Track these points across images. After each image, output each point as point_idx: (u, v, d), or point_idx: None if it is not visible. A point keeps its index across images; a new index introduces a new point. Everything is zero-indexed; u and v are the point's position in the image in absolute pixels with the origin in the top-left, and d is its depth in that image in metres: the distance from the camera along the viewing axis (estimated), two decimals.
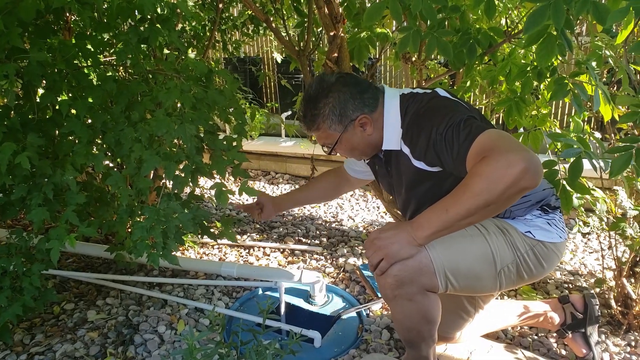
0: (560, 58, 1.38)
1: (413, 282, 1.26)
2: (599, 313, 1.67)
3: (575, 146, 1.38)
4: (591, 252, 2.53)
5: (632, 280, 1.85)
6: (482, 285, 1.35)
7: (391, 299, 1.31)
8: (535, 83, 1.55)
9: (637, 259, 1.88)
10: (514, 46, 1.66)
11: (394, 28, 2.21)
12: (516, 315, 1.67)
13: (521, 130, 1.90)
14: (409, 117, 1.33)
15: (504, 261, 1.33)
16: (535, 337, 1.81)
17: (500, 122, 1.81)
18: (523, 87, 1.53)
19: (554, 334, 1.75)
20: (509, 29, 1.61)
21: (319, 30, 2.38)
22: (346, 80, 1.38)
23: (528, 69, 1.50)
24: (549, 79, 1.49)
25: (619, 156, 1.19)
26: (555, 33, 1.22)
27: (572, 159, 1.39)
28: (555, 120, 1.90)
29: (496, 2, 1.67)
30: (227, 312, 1.93)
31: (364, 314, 1.96)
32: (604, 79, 1.77)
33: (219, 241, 2.58)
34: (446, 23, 1.55)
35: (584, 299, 1.67)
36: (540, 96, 1.76)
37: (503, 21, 1.83)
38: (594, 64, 1.45)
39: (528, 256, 1.35)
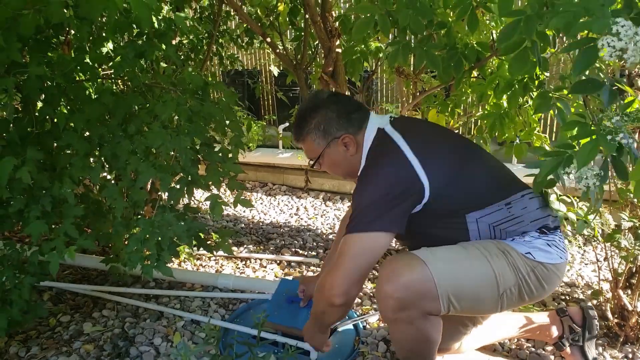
0: (546, 73, 1.41)
1: (415, 305, 1.27)
2: (598, 326, 1.66)
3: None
4: (587, 264, 2.53)
5: (629, 291, 1.86)
6: (483, 307, 1.36)
7: (391, 321, 1.32)
8: (523, 98, 1.58)
9: (633, 270, 1.89)
10: (502, 60, 1.69)
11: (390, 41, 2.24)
12: (514, 327, 1.67)
13: (517, 141, 1.92)
14: (364, 164, 1.42)
15: (506, 283, 1.33)
16: (533, 349, 1.80)
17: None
18: (509, 101, 1.56)
19: (552, 347, 1.75)
20: (496, 44, 1.64)
21: (315, 43, 2.42)
22: (337, 99, 1.45)
23: (515, 82, 1.52)
24: (535, 93, 1.52)
25: (548, 161, 1.14)
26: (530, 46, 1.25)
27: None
28: (545, 135, 1.92)
29: (484, 17, 1.71)
30: (222, 324, 1.93)
31: (361, 326, 1.95)
32: None
33: (215, 253, 2.59)
34: (434, 37, 1.58)
35: (583, 312, 1.66)
36: (523, 111, 1.78)
37: (494, 34, 1.86)
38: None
39: (529, 277, 1.35)
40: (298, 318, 1.69)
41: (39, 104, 1.68)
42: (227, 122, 1.72)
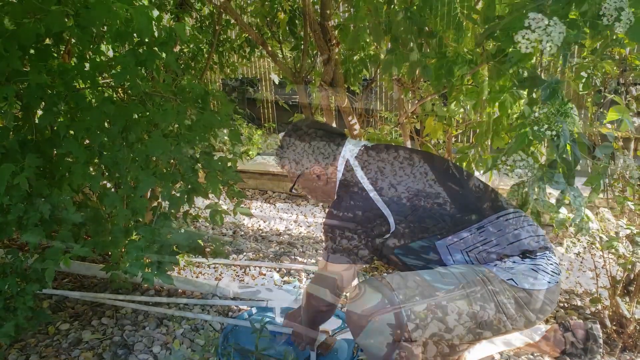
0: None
1: (381, 333, 1.28)
2: (602, 345, 1.62)
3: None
4: (585, 271, 2.53)
5: (627, 299, 1.86)
6: (460, 336, 1.33)
7: (361, 345, 1.35)
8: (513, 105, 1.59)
9: (631, 277, 1.89)
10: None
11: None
12: (516, 338, 1.66)
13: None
14: (335, 197, 1.48)
15: (484, 312, 1.29)
16: (531, 356, 1.80)
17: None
18: (500, 108, 1.57)
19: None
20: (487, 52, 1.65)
21: (314, 52, 2.43)
22: (312, 132, 1.51)
23: (505, 89, 1.54)
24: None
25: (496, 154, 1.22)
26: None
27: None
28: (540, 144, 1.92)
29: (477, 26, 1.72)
30: (230, 320, 1.93)
31: None
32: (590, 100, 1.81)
33: (214, 260, 2.59)
34: (426, 46, 1.61)
35: (587, 331, 1.63)
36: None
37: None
38: (580, 86, 1.48)
39: (511, 305, 1.31)
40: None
41: (39, 112, 1.70)
42: (226, 131, 1.74)
